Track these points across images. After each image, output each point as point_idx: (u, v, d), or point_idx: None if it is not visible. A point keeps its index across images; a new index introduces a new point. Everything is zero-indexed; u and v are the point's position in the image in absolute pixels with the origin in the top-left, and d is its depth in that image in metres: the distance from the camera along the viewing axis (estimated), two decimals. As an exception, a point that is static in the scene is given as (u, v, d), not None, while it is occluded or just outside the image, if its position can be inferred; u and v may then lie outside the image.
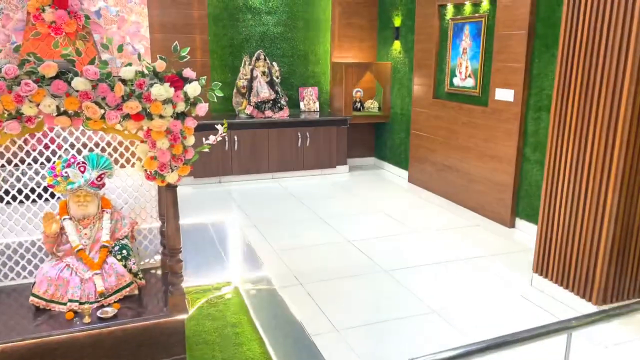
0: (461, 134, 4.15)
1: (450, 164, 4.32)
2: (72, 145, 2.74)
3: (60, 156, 2.57)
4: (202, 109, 2.18)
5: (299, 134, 4.99)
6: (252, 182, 4.96)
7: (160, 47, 4.68)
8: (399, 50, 5.11)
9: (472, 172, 4.05)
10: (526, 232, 3.59)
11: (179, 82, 2.15)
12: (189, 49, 2.22)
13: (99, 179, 2.50)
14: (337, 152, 5.20)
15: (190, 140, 2.17)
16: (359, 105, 5.49)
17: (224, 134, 2.47)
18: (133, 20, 5.09)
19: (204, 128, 4.39)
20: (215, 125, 2.43)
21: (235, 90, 5.12)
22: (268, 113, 5.03)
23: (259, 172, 4.98)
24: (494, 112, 3.77)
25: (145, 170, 2.24)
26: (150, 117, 2.11)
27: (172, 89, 2.11)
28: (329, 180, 5.10)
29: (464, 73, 4.13)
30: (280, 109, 5.09)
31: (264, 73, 5.02)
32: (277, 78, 5.13)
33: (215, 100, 2.23)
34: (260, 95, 4.96)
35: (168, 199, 2.36)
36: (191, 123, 2.14)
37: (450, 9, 4.27)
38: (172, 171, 2.21)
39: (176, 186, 2.36)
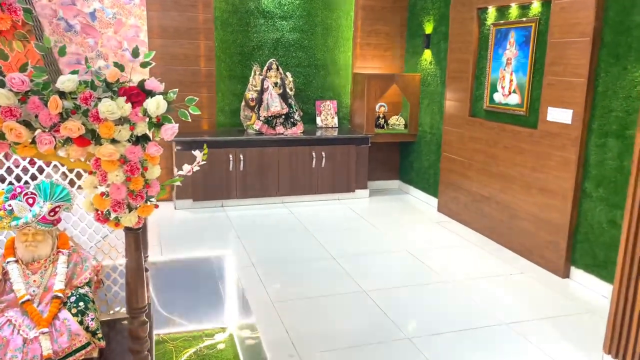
0: (503, 159, 3.68)
1: (489, 194, 3.86)
2: (25, 170, 2.33)
3: (11, 183, 2.17)
4: (169, 131, 1.68)
5: (314, 154, 4.63)
6: (258, 207, 4.60)
7: (159, 53, 4.42)
8: (430, 60, 4.74)
9: (516, 207, 3.56)
10: (585, 286, 3.05)
11: (139, 96, 1.67)
12: (154, 53, 1.74)
13: (52, 213, 2.07)
14: (356, 175, 4.83)
15: (155, 171, 1.72)
16: (382, 121, 5.16)
17: (203, 162, 1.98)
18: (131, 24, 4.73)
19: (201, 146, 4.00)
20: (193, 152, 2.00)
21: (243, 103, 4.79)
22: (279, 129, 4.69)
23: (266, 196, 4.63)
24: (545, 136, 3.26)
25: (96, 210, 1.77)
26: (99, 141, 1.64)
27: (129, 105, 1.63)
28: (346, 207, 4.70)
29: (507, 88, 3.66)
30: (293, 124, 4.75)
31: (276, 84, 4.69)
32: (291, 90, 4.81)
33: (189, 120, 1.75)
34: (271, 109, 4.61)
35: (128, 244, 1.89)
36: (155, 150, 1.67)
37: (491, 13, 3.83)
38: (129, 212, 1.74)
39: (139, 229, 1.89)
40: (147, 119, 1.66)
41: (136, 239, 1.92)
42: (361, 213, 4.53)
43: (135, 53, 1.72)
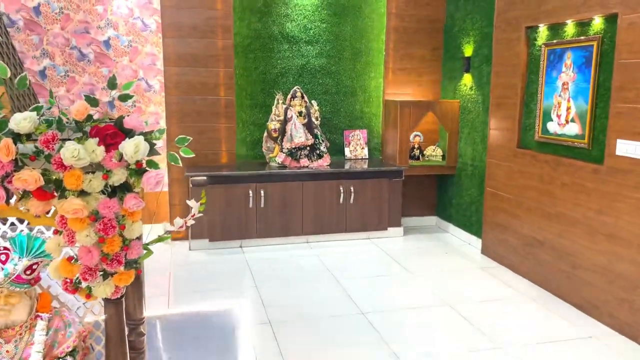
0: (560, 198, 3.33)
1: (543, 238, 3.50)
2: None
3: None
4: (152, 179, 1.40)
5: (342, 188, 4.46)
6: (279, 248, 4.38)
7: (176, 82, 4.35)
8: (470, 85, 4.53)
9: (578, 255, 3.17)
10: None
11: (116, 136, 1.40)
12: (135, 82, 1.45)
13: (29, 271, 1.83)
14: (389, 211, 4.63)
15: (135, 229, 1.46)
16: (417, 152, 4.96)
17: (200, 214, 1.68)
18: (148, 52, 4.63)
19: (219, 181, 4.09)
20: (187, 201, 1.73)
21: (265, 134, 4.66)
22: (304, 162, 4.54)
23: (289, 235, 4.44)
24: (613, 173, 2.88)
25: (65, 279, 1.53)
26: (65, 193, 1.38)
27: (101, 149, 1.36)
28: (378, 248, 4.42)
29: (563, 116, 3.32)
30: (319, 156, 4.60)
31: (300, 113, 4.55)
32: (317, 119, 4.66)
33: (180, 164, 1.45)
34: (295, 141, 4.48)
35: (109, 316, 1.63)
36: (134, 203, 1.41)
37: (542, 32, 3.54)
38: (104, 280, 1.51)
39: (120, 297, 1.62)
40: (126, 165, 1.39)
41: (118, 309, 1.62)
42: (395, 255, 4.24)
43: (111, 84, 1.44)
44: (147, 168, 1.42)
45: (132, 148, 1.36)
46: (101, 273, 1.44)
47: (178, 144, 1.55)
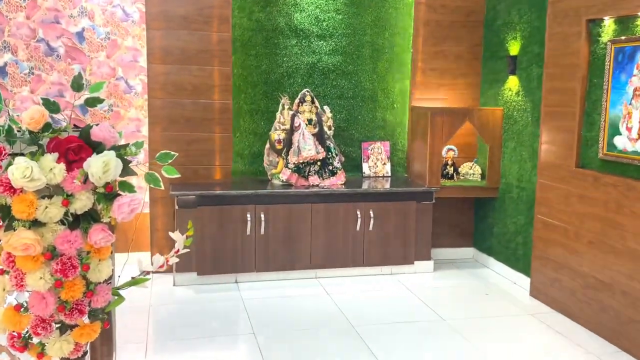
0: (631, 231, 3.26)
1: (610, 279, 3.43)
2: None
3: None
4: (125, 207, 1.36)
5: (359, 212, 4.46)
6: (283, 285, 4.35)
7: (160, 82, 4.35)
8: (517, 90, 4.52)
9: None
10: None
11: (81, 151, 1.34)
12: (105, 83, 1.41)
13: None
14: (416, 241, 4.63)
15: (103, 270, 1.44)
16: (451, 170, 4.93)
17: (186, 249, 1.61)
18: (129, 46, 4.60)
19: (211, 201, 4.12)
20: (170, 234, 1.73)
21: (267, 146, 4.68)
22: (313, 179, 4.56)
23: (295, 269, 4.43)
24: None
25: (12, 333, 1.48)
26: (11, 224, 1.33)
27: (61, 167, 1.32)
28: (403, 287, 4.39)
29: (635, 130, 3.29)
30: (332, 173, 4.63)
31: (310, 121, 4.57)
32: (330, 129, 4.71)
33: (162, 187, 1.40)
34: (303, 154, 4.49)
35: None
36: (102, 237, 1.41)
37: (609, 26, 3.50)
38: (60, 335, 1.49)
39: (82, 356, 1.58)
40: (93, 188, 1.35)
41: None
42: (423, 296, 4.19)
43: (76, 85, 1.36)
44: (119, 192, 1.38)
45: (100, 166, 1.31)
46: (57, 326, 1.40)
47: (160, 161, 1.49)
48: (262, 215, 4.27)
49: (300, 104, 4.55)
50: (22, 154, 1.33)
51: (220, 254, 4.25)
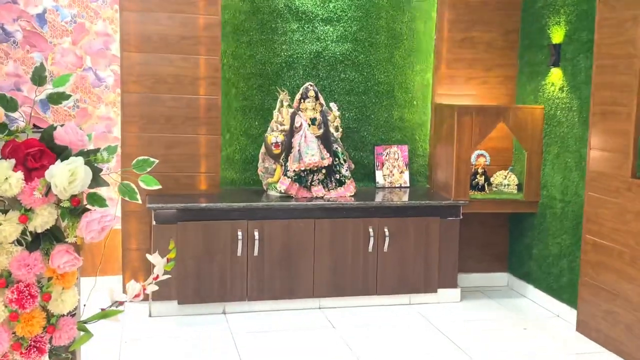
0: None
1: None
2: None
3: None
4: (94, 224, 1.51)
5: (372, 230, 4.48)
6: (280, 316, 4.38)
7: (136, 74, 4.37)
8: (561, 85, 4.53)
9: None
10: None
11: (42, 157, 1.39)
12: (72, 76, 1.49)
13: None
14: (440, 265, 4.66)
15: (67, 299, 1.46)
16: (482, 180, 4.93)
17: (166, 275, 1.63)
18: (99, 31, 4.60)
19: (195, 216, 4.13)
20: (148, 256, 1.83)
21: (262, 150, 4.71)
22: (317, 190, 4.59)
23: (294, 297, 4.45)
24: None
25: None
26: None
27: (19, 176, 1.37)
28: (425, 320, 4.41)
29: None
30: (340, 183, 4.66)
31: (313, 121, 4.60)
32: (337, 130, 4.72)
33: (138, 200, 1.53)
34: (306, 160, 4.51)
35: None
36: (67, 260, 1.41)
37: None
38: None
39: None
40: (56, 202, 1.41)
41: None
42: (449, 331, 4.19)
43: (37, 77, 1.37)
44: (87, 206, 1.39)
45: (65, 176, 1.33)
46: (9, 370, 1.42)
47: (137, 169, 1.49)
48: (256, 233, 4.27)
49: (302, 101, 4.57)
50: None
51: (206, 279, 4.26)
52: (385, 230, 4.47)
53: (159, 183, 1.56)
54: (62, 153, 1.35)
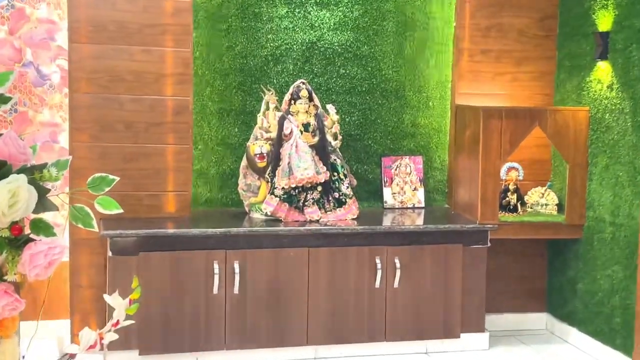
0: None
1: None
2: None
3: None
4: (39, 257, 1.48)
5: (379, 261, 4.50)
6: None
7: (88, 70, 4.37)
8: (609, 81, 4.56)
9: None
10: None
11: None
12: (13, 74, 1.65)
13: None
14: (463, 303, 4.68)
15: (7, 350, 1.47)
16: (514, 199, 4.95)
17: (128, 321, 1.65)
18: (41, 17, 4.59)
19: (160, 245, 4.17)
20: (106, 298, 1.87)
21: (244, 163, 4.72)
22: (311, 212, 4.60)
23: (284, 346, 4.46)
24: None
25: None
26: None
27: None
28: None
29: None
30: (340, 203, 4.68)
31: (306, 127, 4.61)
32: (336, 138, 4.73)
33: (94, 228, 1.59)
34: (297, 175, 4.51)
35: None
36: (7, 303, 1.41)
37: None
38: None
39: None
40: None
41: None
42: None
43: None
44: (31, 236, 1.38)
45: (5, 197, 1.31)
46: None
47: (93, 189, 1.48)
48: (237, 266, 4.28)
49: (293, 102, 4.58)
50: None
51: (174, 324, 4.25)
52: (396, 261, 4.47)
53: (119, 207, 1.55)
54: (0, 169, 1.33)
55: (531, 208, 4.93)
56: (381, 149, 5.00)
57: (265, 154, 4.53)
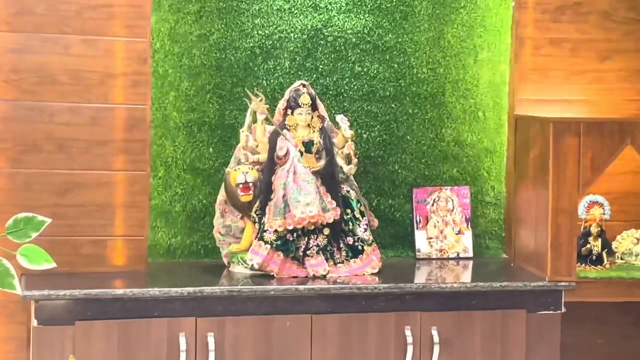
0: None
1: None
2: None
3: None
4: None
5: (409, 333, 4.51)
6: None
7: (8, 68, 4.41)
8: None
9: None
10: None
11: None
12: None
13: None
14: None
15: None
16: (598, 246, 4.99)
17: None
18: None
19: (106, 311, 4.31)
20: None
21: (221, 197, 4.75)
22: (314, 265, 4.61)
23: None
24: None
25: None
26: None
27: None
28: None
29: None
30: (354, 252, 4.69)
31: (308, 147, 4.65)
32: (349, 161, 4.74)
33: (17, 291, 1.80)
34: (296, 213, 4.52)
35: None
36: None
37: None
38: None
39: None
40: None
41: None
42: None
43: None
44: None
45: None
46: None
47: (14, 235, 1.50)
48: (211, 340, 4.28)
49: (290, 112, 4.61)
50: None
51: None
52: (434, 333, 4.49)
53: (51, 259, 1.56)
54: None
55: (622, 259, 4.98)
56: (412, 176, 5.05)
57: (251, 184, 4.54)
